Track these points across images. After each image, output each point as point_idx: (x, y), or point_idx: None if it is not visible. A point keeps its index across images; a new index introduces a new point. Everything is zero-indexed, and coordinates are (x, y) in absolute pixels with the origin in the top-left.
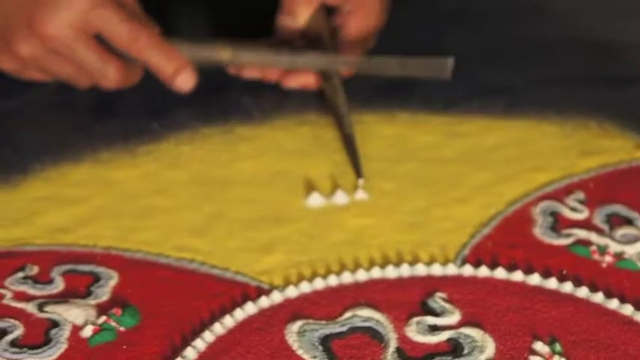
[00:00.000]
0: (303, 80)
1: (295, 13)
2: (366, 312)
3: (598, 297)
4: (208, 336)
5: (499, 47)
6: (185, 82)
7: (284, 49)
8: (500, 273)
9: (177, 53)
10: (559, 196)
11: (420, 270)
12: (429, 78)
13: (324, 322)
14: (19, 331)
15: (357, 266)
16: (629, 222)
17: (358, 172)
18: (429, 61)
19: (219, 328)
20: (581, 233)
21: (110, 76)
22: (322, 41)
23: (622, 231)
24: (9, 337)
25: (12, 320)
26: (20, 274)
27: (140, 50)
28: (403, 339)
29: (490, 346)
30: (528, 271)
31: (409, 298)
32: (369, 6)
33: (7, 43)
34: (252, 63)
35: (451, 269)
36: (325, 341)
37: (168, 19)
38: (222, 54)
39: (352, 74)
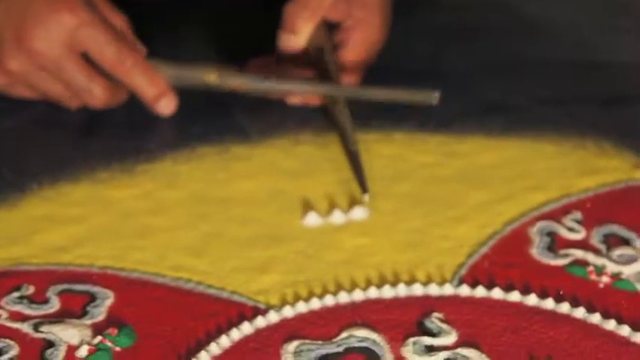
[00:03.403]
0: (307, 97)
1: (296, 29)
2: (362, 332)
3: (595, 318)
4: (204, 356)
5: (497, 66)
6: (166, 106)
7: (272, 75)
8: (497, 293)
9: (160, 78)
10: (556, 216)
11: (417, 290)
12: (415, 104)
13: (320, 342)
14: (14, 351)
15: (353, 286)
16: (626, 242)
17: (363, 188)
18: (416, 92)
19: (215, 349)
20: (578, 253)
21: (96, 94)
22: (324, 57)
23: (619, 251)
24: (4, 357)
25: (7, 340)
26: (16, 294)
27: (125, 72)
28: (400, 359)
29: None
30: (525, 292)
31: (406, 319)
32: (370, 21)
33: None
34: (238, 87)
35: (448, 289)
36: None
37: (173, 39)
38: (209, 77)
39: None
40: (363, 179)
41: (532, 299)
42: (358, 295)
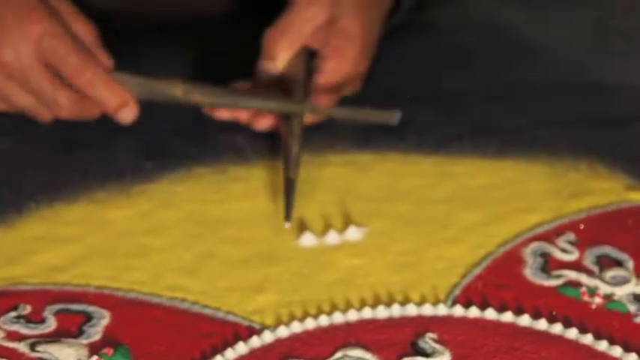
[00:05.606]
0: (273, 122)
1: (276, 57)
2: (356, 352)
3: (587, 338)
4: None
5: (493, 87)
6: (127, 115)
7: (236, 90)
8: (490, 314)
9: (121, 88)
10: (549, 237)
11: (411, 310)
12: (377, 124)
13: None
14: None
15: (348, 306)
16: (618, 263)
17: (287, 216)
18: (378, 113)
19: None
20: (572, 274)
21: (62, 104)
22: (296, 85)
23: (612, 272)
24: None
25: None
26: (13, 314)
27: (85, 83)
28: None
29: None
30: (518, 312)
31: (400, 339)
32: (346, 51)
33: None
34: (203, 101)
35: (442, 309)
36: None
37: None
38: (175, 90)
39: (319, 120)
40: (290, 208)
41: (525, 320)
42: (352, 316)
